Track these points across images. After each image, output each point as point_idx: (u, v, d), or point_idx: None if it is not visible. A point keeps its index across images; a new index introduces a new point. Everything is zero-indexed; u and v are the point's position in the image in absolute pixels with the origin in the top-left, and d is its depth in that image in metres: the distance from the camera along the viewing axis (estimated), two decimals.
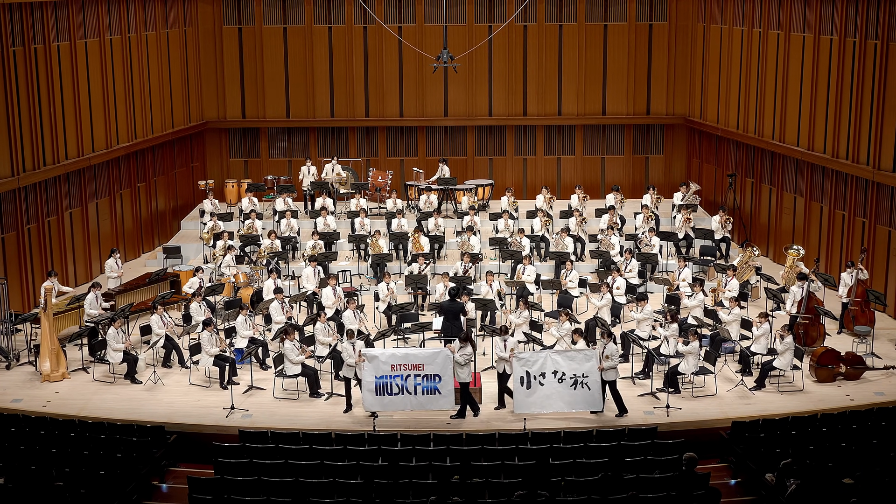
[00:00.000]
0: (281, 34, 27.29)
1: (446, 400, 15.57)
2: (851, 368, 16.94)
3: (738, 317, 17.72)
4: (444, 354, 15.54)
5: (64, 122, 21.78)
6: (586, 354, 15.60)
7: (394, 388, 15.48)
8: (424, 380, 15.48)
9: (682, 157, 28.02)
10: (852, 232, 21.07)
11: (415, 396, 15.52)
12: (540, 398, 15.49)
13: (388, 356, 15.58)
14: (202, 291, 19.04)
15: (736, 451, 14.35)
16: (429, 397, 15.53)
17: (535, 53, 27.26)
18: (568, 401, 15.53)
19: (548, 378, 15.48)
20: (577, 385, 15.51)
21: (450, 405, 15.64)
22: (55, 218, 21.65)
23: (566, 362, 15.49)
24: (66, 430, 14.80)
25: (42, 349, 17.37)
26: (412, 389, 15.49)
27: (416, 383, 15.48)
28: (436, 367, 15.48)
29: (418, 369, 15.47)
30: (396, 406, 15.59)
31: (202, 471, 14.16)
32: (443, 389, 15.51)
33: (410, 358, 15.54)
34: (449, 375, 15.52)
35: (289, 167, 27.81)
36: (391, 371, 15.48)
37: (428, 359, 15.53)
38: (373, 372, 15.51)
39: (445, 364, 15.49)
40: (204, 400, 16.49)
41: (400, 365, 15.49)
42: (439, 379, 15.48)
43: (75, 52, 21.99)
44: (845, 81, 20.98)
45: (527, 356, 15.62)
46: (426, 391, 15.50)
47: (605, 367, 15.51)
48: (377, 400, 15.56)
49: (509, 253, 21.20)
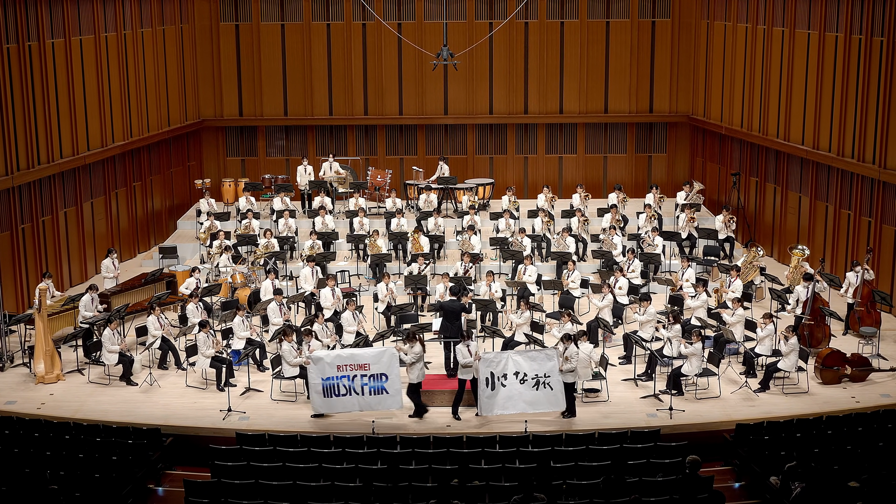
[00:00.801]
0: (279, 31, 27.30)
1: (393, 400, 15.69)
2: (857, 370, 16.94)
3: (741, 318, 17.73)
4: (390, 353, 15.68)
5: (59, 121, 21.79)
6: (547, 354, 15.67)
7: (341, 389, 15.60)
8: (371, 379, 15.59)
9: (685, 156, 28.02)
10: (858, 231, 21.08)
11: (362, 397, 15.63)
12: (502, 399, 15.55)
13: (333, 357, 15.69)
14: (199, 292, 19.05)
15: (740, 453, 14.36)
16: (376, 397, 15.65)
17: (536, 51, 27.27)
18: (530, 401, 15.59)
19: (510, 379, 15.53)
20: (540, 385, 15.58)
21: (397, 405, 15.74)
22: (49, 217, 21.65)
23: (527, 363, 15.56)
24: (61, 432, 14.79)
25: (36, 350, 17.37)
26: (359, 390, 15.60)
27: (362, 383, 15.59)
28: (382, 367, 15.59)
29: (364, 369, 15.58)
30: (344, 407, 15.70)
31: (199, 474, 14.15)
32: (390, 389, 15.63)
33: (356, 358, 15.65)
34: (395, 374, 15.60)
35: (286, 166, 27.81)
36: (337, 372, 15.60)
37: (374, 358, 15.64)
38: (319, 374, 15.61)
39: (391, 363, 15.60)
40: (200, 402, 16.50)
41: (346, 365, 15.60)
42: (386, 378, 15.60)
43: (70, 50, 22.00)
44: (851, 79, 20.98)
45: (491, 357, 15.66)
46: (373, 391, 15.62)
47: (566, 368, 15.52)
48: (325, 402, 15.68)
49: (510, 253, 21.21)
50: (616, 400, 16.39)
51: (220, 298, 20.18)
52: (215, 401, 16.46)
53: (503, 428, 15.39)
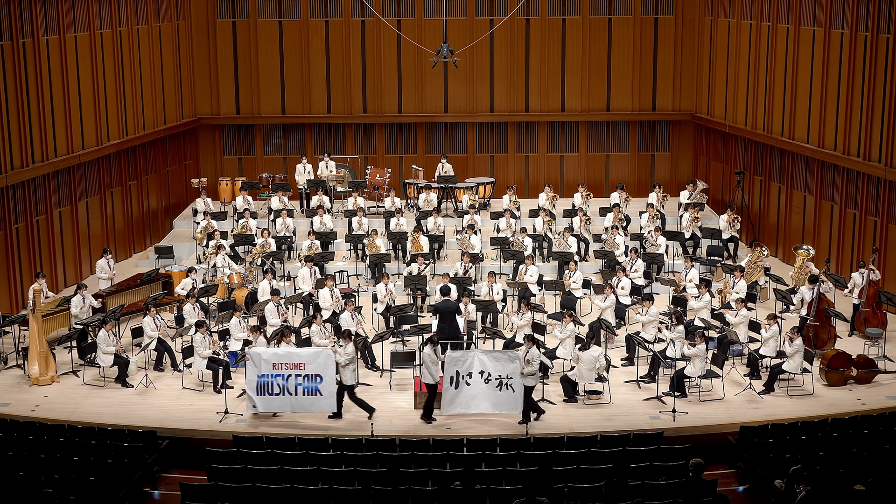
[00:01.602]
0: (276, 28, 27.30)
1: (327, 402, 15.69)
2: (863, 372, 16.94)
3: (745, 319, 17.74)
4: (326, 354, 15.67)
5: (53, 119, 21.79)
6: (510, 356, 15.71)
7: (274, 388, 15.63)
8: (305, 380, 15.60)
9: (688, 155, 28.02)
10: (864, 231, 21.08)
11: (295, 397, 15.65)
12: (466, 398, 15.61)
13: (269, 354, 15.72)
14: (195, 292, 19.06)
15: (744, 456, 14.36)
16: (309, 398, 15.65)
17: (537, 48, 27.27)
18: (493, 402, 15.65)
19: (474, 378, 15.58)
20: (502, 386, 15.63)
21: (330, 407, 15.75)
22: (44, 217, 21.65)
23: (492, 363, 15.61)
24: (56, 435, 14.80)
25: (30, 352, 17.38)
26: (293, 390, 15.61)
27: (296, 383, 15.61)
28: (317, 367, 15.59)
29: (299, 368, 15.60)
30: (278, 406, 15.74)
31: (195, 477, 14.15)
32: (324, 391, 15.62)
33: (292, 356, 15.67)
34: (330, 376, 15.62)
35: (284, 165, 27.82)
36: (272, 370, 15.61)
37: (309, 358, 15.65)
38: (255, 371, 15.67)
39: (327, 364, 15.59)
40: (197, 404, 16.50)
41: (281, 363, 15.62)
42: (320, 379, 15.59)
43: (65, 47, 22.00)
44: (857, 77, 20.99)
45: (458, 355, 15.71)
46: (307, 391, 15.62)
47: (526, 371, 15.54)
48: (260, 399, 15.73)
49: (511, 253, 21.21)
50: (618, 402, 16.39)
51: (217, 299, 20.18)
52: (212, 403, 16.46)
53: (504, 430, 15.40)
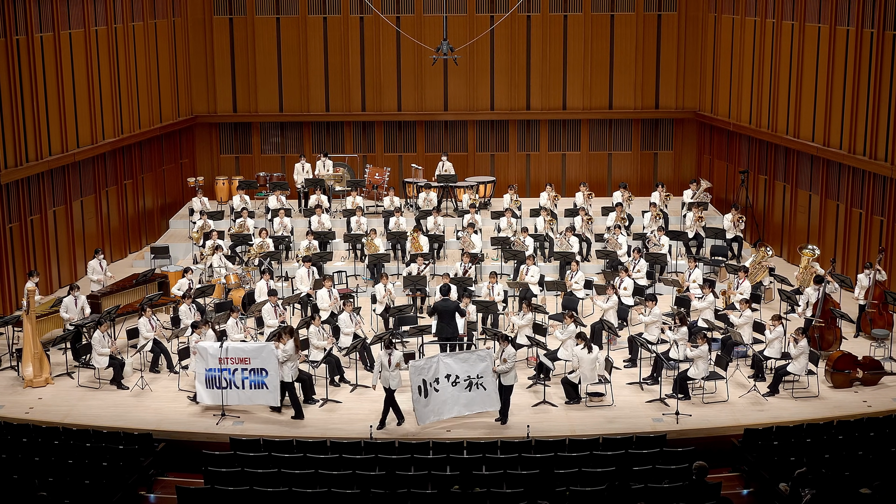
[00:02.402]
0: (274, 25, 27.31)
1: (272, 396, 16.06)
2: (869, 373, 16.94)
3: (750, 319, 17.73)
4: (270, 349, 16.00)
5: (47, 117, 21.79)
6: (479, 355, 15.78)
7: (222, 382, 16.06)
8: (251, 374, 16.01)
9: (692, 153, 28.03)
10: (870, 231, 21.08)
11: (242, 390, 16.06)
12: (437, 405, 15.63)
13: (216, 349, 16.11)
14: (191, 293, 19.06)
15: (748, 459, 14.36)
16: (255, 391, 16.05)
17: (538, 45, 27.28)
18: (465, 403, 15.72)
19: (442, 383, 15.62)
20: (473, 386, 15.69)
21: (276, 401, 16.08)
22: (38, 216, 21.65)
23: (459, 365, 15.70)
24: (50, 437, 14.80)
25: (24, 353, 17.37)
26: (239, 383, 16.04)
27: (243, 377, 16.03)
28: (262, 362, 15.96)
29: (245, 363, 16.00)
30: (226, 399, 16.09)
31: (191, 480, 14.16)
32: (269, 384, 15.99)
33: (237, 351, 16.08)
34: (275, 370, 15.97)
35: (282, 163, 27.83)
36: (219, 364, 16.02)
37: (254, 353, 16.04)
38: (203, 364, 16.07)
39: (271, 358, 15.95)
40: (193, 406, 16.50)
41: (227, 358, 16.02)
42: (266, 373, 15.97)
43: (59, 44, 22.00)
44: (863, 74, 20.99)
45: (421, 363, 15.72)
46: (253, 385, 16.04)
47: (500, 370, 15.54)
48: (208, 393, 16.12)
49: (512, 253, 21.21)
50: (621, 404, 16.39)
51: (214, 300, 20.18)
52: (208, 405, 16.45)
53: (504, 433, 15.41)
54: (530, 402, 16.47)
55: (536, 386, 16.93)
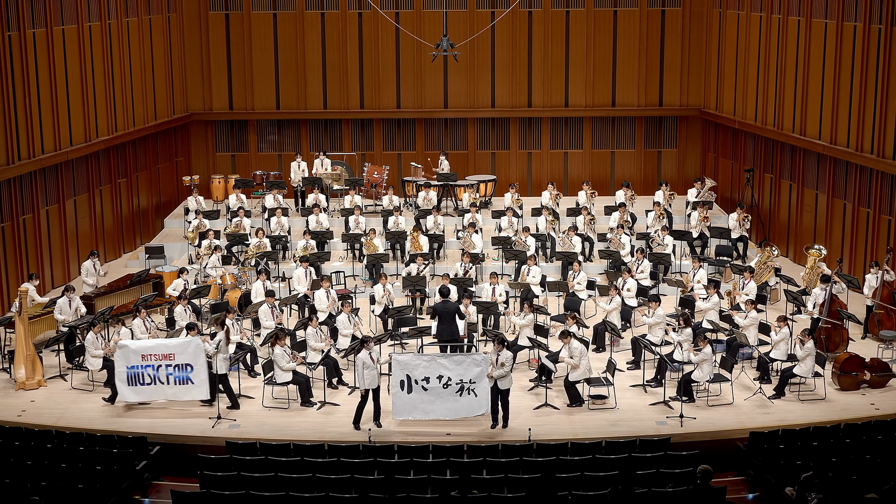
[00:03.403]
0: (270, 20, 27.31)
1: (199, 390, 16.21)
2: (876, 376, 16.94)
3: (755, 321, 17.73)
4: (195, 344, 16.15)
5: (40, 115, 21.78)
6: (475, 360, 15.75)
7: (145, 379, 16.16)
8: (176, 370, 16.16)
9: (696, 152, 28.04)
10: (877, 230, 21.08)
11: (167, 386, 16.20)
12: (423, 403, 15.66)
13: (138, 346, 16.24)
14: (187, 294, 19.06)
15: (754, 463, 14.37)
16: (181, 387, 16.21)
17: (540, 41, 27.28)
18: (451, 407, 15.72)
19: (432, 383, 15.64)
20: (464, 391, 15.67)
21: (203, 395, 16.24)
22: (30, 216, 21.65)
23: (454, 367, 15.69)
24: (43, 441, 14.80)
25: (17, 355, 17.37)
26: (164, 379, 16.16)
27: (167, 373, 16.15)
28: (187, 357, 16.11)
29: (169, 359, 16.14)
30: (150, 396, 16.25)
31: (187, 484, 14.16)
32: (195, 379, 16.15)
33: (161, 348, 16.22)
34: (201, 365, 16.10)
35: (279, 162, 27.83)
36: (142, 361, 16.12)
37: (179, 348, 16.16)
38: (124, 362, 16.11)
39: (196, 353, 16.09)
40: (189, 409, 16.50)
41: (150, 355, 16.14)
42: (191, 369, 16.12)
43: (52, 40, 21.99)
44: (870, 71, 20.99)
45: (406, 359, 15.78)
46: (178, 381, 16.18)
47: (496, 375, 15.53)
48: (130, 390, 16.21)
49: (513, 253, 21.21)
50: (624, 407, 16.40)
51: (210, 300, 20.19)
52: (204, 408, 16.46)
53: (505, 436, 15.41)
54: (532, 405, 16.47)
55: (538, 388, 16.93)
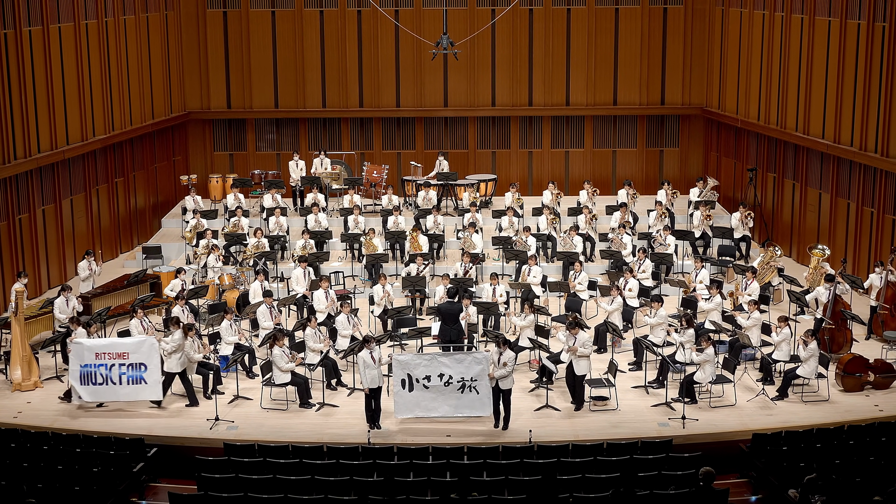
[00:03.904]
0: (269, 18, 27.31)
1: (152, 390, 16.19)
2: (881, 377, 16.94)
3: (758, 321, 17.73)
4: (149, 343, 16.16)
5: (36, 113, 21.78)
6: (476, 358, 15.80)
7: (98, 378, 16.14)
8: (129, 369, 16.13)
9: (698, 151, 28.04)
10: (881, 230, 21.07)
11: (120, 386, 16.17)
12: (425, 401, 15.74)
13: (92, 344, 16.23)
14: (184, 294, 19.06)
15: (757, 465, 14.36)
16: (134, 387, 16.18)
17: (541, 39, 27.28)
18: (454, 405, 15.78)
19: (433, 381, 15.70)
20: (465, 389, 15.72)
21: (156, 395, 16.22)
22: (27, 216, 21.65)
23: (455, 365, 15.74)
24: (39, 442, 14.79)
25: (13, 356, 17.36)
26: (117, 379, 16.13)
27: (120, 373, 16.13)
28: (141, 356, 16.09)
29: (123, 357, 16.10)
30: (102, 396, 16.23)
31: (184, 486, 14.15)
32: (148, 379, 16.13)
33: (115, 346, 16.21)
34: (155, 364, 16.10)
35: (277, 161, 27.83)
36: (95, 360, 16.11)
37: (133, 347, 16.16)
38: (78, 361, 16.12)
39: (151, 352, 16.07)
40: (186, 410, 16.50)
41: (104, 353, 16.11)
42: (145, 368, 16.10)
43: (48, 38, 21.99)
44: (874, 69, 20.98)
45: (407, 359, 15.85)
46: (131, 381, 16.15)
47: (497, 374, 15.55)
48: (84, 389, 16.20)
49: (514, 253, 21.21)
50: (626, 408, 16.39)
51: (207, 301, 20.19)
52: (202, 409, 16.45)
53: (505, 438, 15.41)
54: (532, 406, 16.47)
55: (539, 389, 16.93)
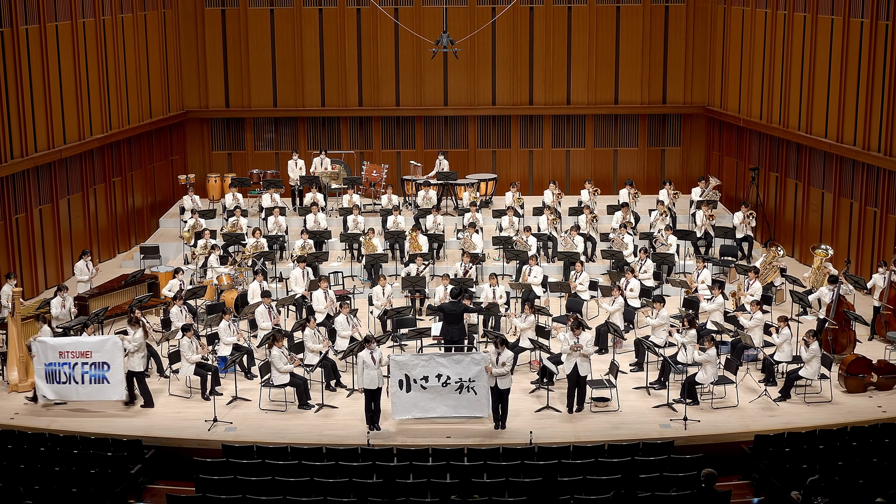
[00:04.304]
0: (267, 16, 27.31)
1: (114, 390, 16.28)
2: (884, 378, 16.94)
3: (760, 322, 17.73)
4: (112, 342, 16.27)
5: (33, 112, 21.78)
6: (474, 359, 15.83)
7: (61, 377, 16.23)
8: (92, 368, 16.21)
9: (700, 150, 28.04)
10: (885, 230, 21.08)
11: (82, 385, 16.26)
12: (423, 402, 15.76)
13: (55, 342, 16.32)
14: (183, 294, 19.06)
15: (759, 466, 14.37)
16: (96, 387, 16.26)
17: (541, 37, 27.28)
18: (452, 405, 15.81)
19: (431, 382, 15.73)
20: (463, 389, 15.75)
21: (119, 395, 16.33)
22: (23, 215, 21.65)
23: (453, 366, 15.76)
24: (36, 444, 14.80)
25: (9, 357, 17.37)
26: (79, 378, 16.22)
27: (83, 371, 16.23)
28: (104, 355, 16.17)
29: (86, 356, 16.18)
30: (66, 395, 16.34)
31: (182, 488, 14.16)
32: (111, 378, 16.22)
33: (79, 345, 16.28)
34: (118, 364, 16.18)
35: (276, 160, 27.83)
36: (59, 358, 16.19)
37: (96, 346, 16.24)
38: (42, 359, 16.20)
39: (114, 352, 16.15)
40: (184, 412, 16.50)
41: (68, 352, 16.18)
42: (107, 367, 16.19)
43: (45, 36, 21.99)
44: (877, 67, 20.98)
45: (405, 359, 15.89)
46: (94, 380, 16.23)
47: (495, 372, 15.58)
48: (48, 388, 16.32)
49: (514, 253, 21.21)
50: (627, 409, 16.39)
51: (206, 301, 20.18)
52: (200, 410, 16.46)
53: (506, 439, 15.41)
54: (533, 408, 16.47)
55: (540, 391, 16.93)
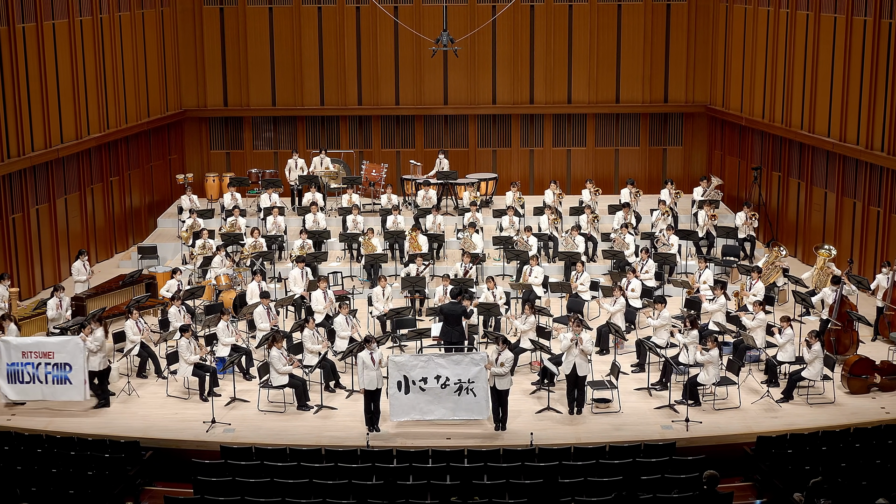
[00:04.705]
0: (266, 15, 27.32)
1: (77, 390, 16.38)
2: (887, 378, 16.94)
3: (763, 322, 17.73)
4: (75, 343, 16.33)
5: (30, 111, 21.79)
6: (473, 359, 15.81)
7: (24, 377, 16.36)
8: (55, 368, 16.33)
9: (702, 149, 28.04)
10: (888, 230, 21.08)
11: (45, 385, 16.39)
12: (421, 403, 15.74)
13: (18, 342, 16.46)
14: (181, 295, 19.06)
15: (761, 468, 14.38)
16: (59, 387, 16.38)
17: (542, 36, 27.28)
18: (451, 407, 15.80)
19: (430, 383, 15.71)
20: (462, 391, 15.72)
21: (80, 396, 16.39)
22: (20, 215, 21.66)
23: (452, 367, 15.75)
24: (33, 445, 14.80)
25: None
26: (42, 378, 16.33)
27: (46, 371, 16.34)
28: (66, 356, 16.28)
29: (48, 357, 16.30)
30: (29, 395, 16.49)
31: (180, 490, 14.18)
32: (73, 379, 16.32)
33: (41, 345, 16.43)
34: (80, 365, 16.28)
35: (275, 160, 27.83)
36: (22, 358, 16.34)
37: (58, 346, 16.36)
38: (5, 358, 16.33)
39: (76, 353, 16.25)
40: (182, 413, 16.50)
41: (31, 352, 16.32)
42: (70, 368, 16.28)
43: (42, 35, 22.00)
44: (880, 67, 20.99)
45: (403, 360, 15.87)
46: (56, 380, 16.35)
47: (496, 372, 15.59)
48: (11, 388, 16.44)
49: (515, 253, 21.22)
50: (628, 411, 16.40)
51: (204, 302, 20.19)
52: (198, 412, 16.46)
53: (506, 441, 15.42)
54: (534, 409, 16.47)
55: (540, 392, 16.93)
